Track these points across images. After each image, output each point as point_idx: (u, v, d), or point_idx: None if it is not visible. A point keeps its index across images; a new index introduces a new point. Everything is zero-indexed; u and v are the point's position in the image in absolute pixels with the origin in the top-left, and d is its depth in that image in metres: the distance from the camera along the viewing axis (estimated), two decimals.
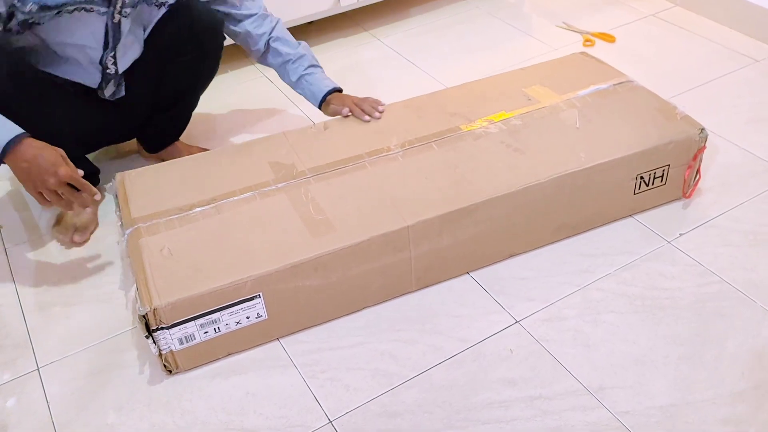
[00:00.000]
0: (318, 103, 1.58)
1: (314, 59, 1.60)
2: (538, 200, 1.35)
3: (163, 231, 1.27)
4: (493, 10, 2.37)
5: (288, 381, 1.21)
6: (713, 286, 1.33)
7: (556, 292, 1.33)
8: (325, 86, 1.57)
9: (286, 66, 1.58)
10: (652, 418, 1.11)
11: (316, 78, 1.58)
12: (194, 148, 1.72)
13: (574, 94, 1.55)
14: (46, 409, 1.19)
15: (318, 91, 1.57)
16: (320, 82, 1.58)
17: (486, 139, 1.43)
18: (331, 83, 1.59)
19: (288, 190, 1.34)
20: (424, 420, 1.13)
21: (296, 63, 1.58)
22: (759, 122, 1.75)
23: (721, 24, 2.18)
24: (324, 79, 1.59)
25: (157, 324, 1.15)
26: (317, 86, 1.57)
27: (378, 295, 1.32)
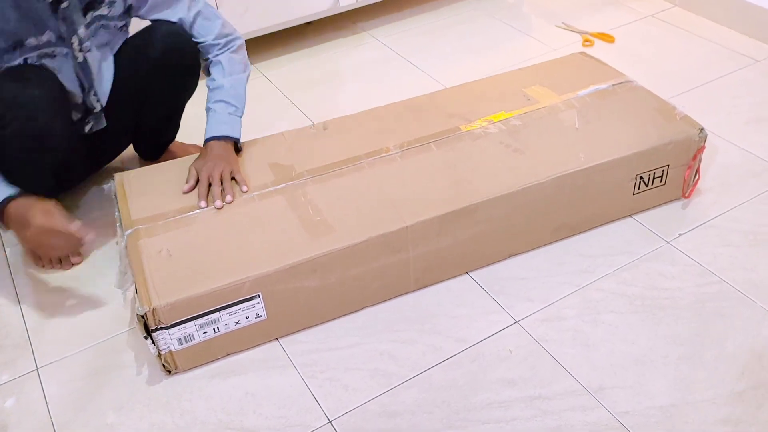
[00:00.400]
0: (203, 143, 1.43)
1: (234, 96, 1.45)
2: (537, 200, 1.35)
3: (162, 232, 1.27)
4: (493, 10, 2.37)
5: (287, 381, 1.21)
6: (713, 286, 1.33)
7: (555, 292, 1.33)
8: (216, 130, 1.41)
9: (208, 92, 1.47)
10: (651, 418, 1.11)
11: (215, 117, 1.43)
12: (190, 147, 1.72)
13: (573, 94, 1.55)
14: (45, 409, 1.19)
15: (206, 133, 1.42)
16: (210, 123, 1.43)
17: (485, 140, 1.43)
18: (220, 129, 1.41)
19: (286, 192, 1.34)
20: (423, 420, 1.13)
21: (212, 92, 1.45)
22: (759, 122, 1.75)
23: (720, 24, 2.18)
24: (220, 123, 1.42)
25: (156, 324, 1.15)
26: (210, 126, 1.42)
27: (377, 296, 1.32)
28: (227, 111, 1.43)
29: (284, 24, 2.11)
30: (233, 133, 1.42)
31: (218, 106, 1.43)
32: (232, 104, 1.44)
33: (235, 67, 1.46)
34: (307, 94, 1.99)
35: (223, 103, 1.43)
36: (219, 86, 1.44)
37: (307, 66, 2.13)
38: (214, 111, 1.43)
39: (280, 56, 2.19)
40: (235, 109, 1.44)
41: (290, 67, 2.13)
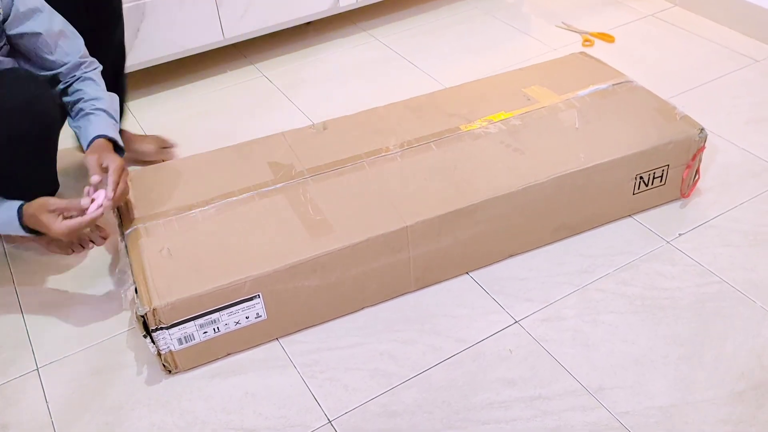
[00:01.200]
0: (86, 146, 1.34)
1: (114, 111, 1.39)
2: (537, 200, 1.35)
3: (163, 231, 1.27)
4: (492, 10, 2.37)
5: (287, 381, 1.21)
6: (713, 286, 1.33)
7: (555, 292, 1.33)
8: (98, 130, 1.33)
9: (76, 104, 1.37)
10: (651, 418, 1.11)
11: (100, 120, 1.35)
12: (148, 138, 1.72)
13: (573, 94, 1.55)
14: (45, 409, 1.19)
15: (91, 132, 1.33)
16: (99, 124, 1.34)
17: (485, 140, 1.43)
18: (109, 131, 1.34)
19: (286, 191, 1.34)
20: (423, 420, 1.13)
21: (88, 102, 1.36)
22: (758, 122, 1.75)
23: (720, 24, 2.18)
24: (107, 126, 1.35)
25: (156, 324, 1.15)
26: (94, 127, 1.33)
27: (377, 296, 1.32)
28: (110, 123, 1.36)
29: (284, 24, 2.11)
30: (118, 138, 1.35)
31: (101, 114, 1.35)
32: (114, 118, 1.38)
33: (103, 84, 1.41)
34: (307, 94, 1.99)
35: (105, 113, 1.36)
36: (96, 97, 1.36)
37: (307, 66, 2.13)
38: (97, 116, 1.35)
39: (280, 56, 2.19)
40: (115, 123, 1.38)
41: (290, 67, 2.13)
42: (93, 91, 1.38)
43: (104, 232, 1.50)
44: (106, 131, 1.33)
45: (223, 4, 1.95)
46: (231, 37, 2.03)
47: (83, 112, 1.36)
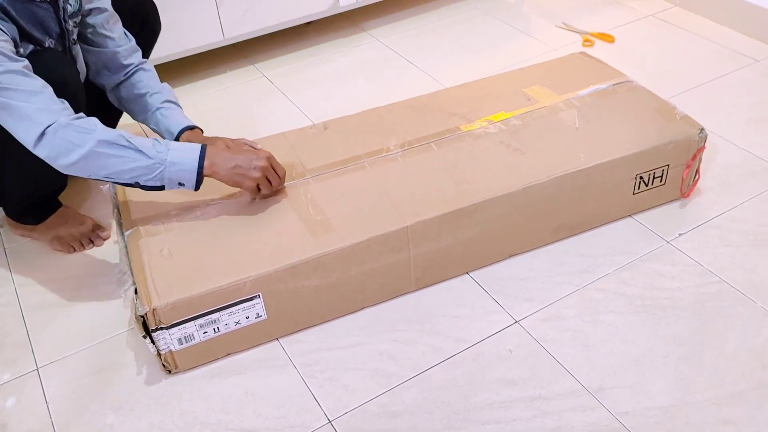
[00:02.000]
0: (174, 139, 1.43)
1: (173, 96, 1.48)
2: (537, 200, 1.35)
3: (163, 232, 1.27)
4: (493, 10, 2.37)
5: (287, 381, 1.21)
6: (713, 286, 1.33)
7: (555, 292, 1.33)
8: (181, 122, 1.43)
9: (142, 99, 1.45)
10: (651, 418, 1.11)
11: (173, 113, 1.44)
12: None
13: (573, 94, 1.55)
14: (45, 409, 1.19)
15: (174, 125, 1.43)
16: (177, 117, 1.44)
17: (485, 140, 1.43)
18: (188, 121, 1.45)
19: (287, 190, 1.34)
20: (423, 420, 1.13)
21: (153, 96, 1.45)
22: (758, 122, 1.75)
23: (720, 24, 2.18)
24: (182, 117, 1.45)
25: (156, 324, 1.15)
26: (173, 121, 1.43)
27: (377, 296, 1.32)
28: (180, 111, 1.46)
29: (284, 24, 2.11)
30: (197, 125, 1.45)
31: (171, 105, 1.45)
32: (180, 107, 1.47)
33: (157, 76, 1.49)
34: (307, 94, 1.99)
35: (173, 103, 1.46)
36: (159, 90, 1.45)
37: (307, 66, 2.13)
38: (170, 109, 1.44)
39: (280, 56, 2.19)
40: (183, 110, 1.47)
41: (290, 67, 2.13)
42: (155, 84, 1.46)
43: (105, 232, 1.51)
44: (186, 122, 1.43)
45: (223, 4, 1.95)
46: (231, 37, 2.03)
47: (152, 108, 1.43)
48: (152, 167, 1.19)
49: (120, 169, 1.18)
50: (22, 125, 1.15)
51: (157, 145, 1.20)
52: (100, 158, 1.16)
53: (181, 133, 1.41)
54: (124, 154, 1.17)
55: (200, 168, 1.22)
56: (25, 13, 1.23)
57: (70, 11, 1.32)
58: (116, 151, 1.17)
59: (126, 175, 1.19)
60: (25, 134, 1.15)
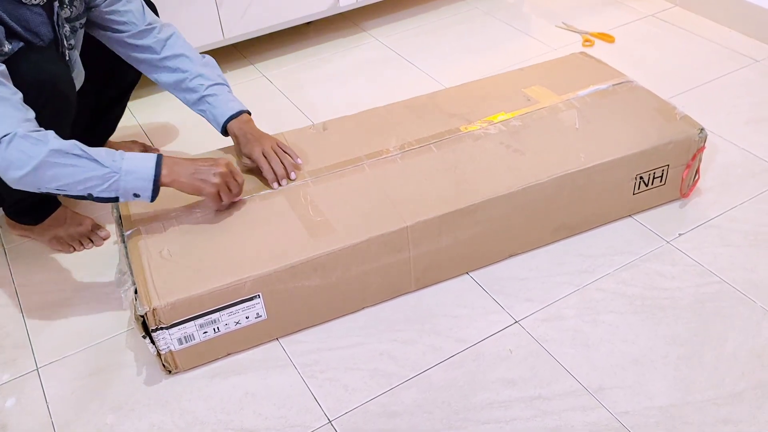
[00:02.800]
0: (221, 129, 1.41)
1: (219, 77, 1.43)
2: (537, 201, 1.35)
3: (163, 232, 1.27)
4: (492, 10, 2.37)
5: (287, 381, 1.21)
6: (713, 286, 1.33)
7: (555, 292, 1.33)
8: (229, 109, 1.39)
9: (181, 85, 1.42)
10: (651, 418, 1.11)
11: (220, 100, 1.40)
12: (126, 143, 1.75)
13: (573, 94, 1.55)
14: (45, 409, 1.19)
15: (220, 114, 1.39)
16: (224, 104, 1.39)
17: (485, 140, 1.43)
18: (238, 105, 1.40)
19: (287, 192, 1.34)
20: (423, 420, 1.13)
21: (194, 81, 1.40)
22: (758, 122, 1.75)
23: (720, 24, 2.18)
24: (229, 101, 1.40)
25: (156, 324, 1.15)
26: (220, 109, 1.39)
27: (377, 296, 1.32)
28: (226, 91, 1.41)
29: (284, 24, 2.11)
30: (244, 107, 1.41)
31: (216, 89, 1.40)
32: (225, 84, 1.42)
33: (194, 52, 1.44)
34: (307, 94, 1.99)
35: (218, 85, 1.41)
36: (199, 74, 1.41)
37: (307, 66, 2.13)
38: (215, 95, 1.40)
39: (280, 56, 2.19)
40: (229, 89, 1.43)
41: (290, 67, 2.13)
42: (192, 66, 1.41)
43: (104, 232, 1.51)
44: (231, 109, 1.39)
45: (223, 4, 1.95)
46: (231, 37, 2.03)
47: (196, 95, 1.40)
48: (106, 177, 1.16)
49: (73, 179, 1.15)
50: None
51: (112, 154, 1.17)
52: (52, 168, 1.13)
53: (227, 123, 1.39)
54: (78, 163, 1.14)
55: (156, 177, 1.19)
56: (14, 15, 1.21)
57: (67, 15, 1.30)
58: (69, 161, 1.13)
59: (79, 186, 1.15)
60: None
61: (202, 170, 1.23)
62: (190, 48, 1.44)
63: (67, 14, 1.30)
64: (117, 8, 1.39)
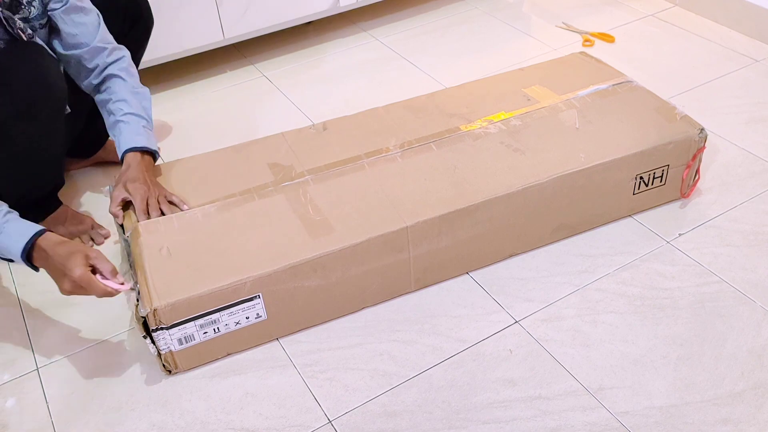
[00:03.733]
0: (120, 158, 1.36)
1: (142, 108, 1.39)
2: (537, 200, 1.35)
3: (163, 231, 1.27)
4: (492, 10, 2.37)
5: (287, 381, 1.21)
6: (713, 286, 1.33)
7: (555, 293, 1.33)
8: (132, 141, 1.35)
9: (105, 106, 1.39)
10: (651, 418, 1.11)
11: (130, 129, 1.36)
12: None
13: (573, 94, 1.55)
14: (45, 409, 1.19)
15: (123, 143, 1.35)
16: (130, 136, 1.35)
17: (485, 140, 1.43)
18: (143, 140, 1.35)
19: (286, 191, 1.34)
20: (423, 420, 1.13)
21: (117, 104, 1.37)
22: (758, 122, 1.75)
23: (720, 24, 2.18)
24: (137, 134, 1.36)
25: (156, 324, 1.15)
26: (124, 138, 1.35)
27: (377, 296, 1.32)
28: (140, 124, 1.37)
29: (284, 24, 2.11)
30: (151, 146, 1.37)
31: (130, 119, 1.37)
32: (143, 117, 1.38)
33: (134, 80, 1.42)
34: (307, 94, 1.99)
35: (134, 116, 1.37)
36: (123, 99, 1.38)
37: (307, 66, 2.13)
38: (126, 123, 1.36)
39: (280, 56, 2.19)
40: (146, 123, 1.39)
41: (290, 67, 2.13)
42: (121, 90, 1.38)
43: (105, 231, 1.51)
44: (134, 142, 1.34)
45: (223, 4, 1.95)
46: (231, 37, 2.03)
47: (113, 118, 1.37)
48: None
49: None
50: None
51: None
52: None
53: (125, 154, 1.34)
54: None
55: (28, 257, 1.15)
56: None
57: (24, 16, 1.28)
58: None
59: None
60: None
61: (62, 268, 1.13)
62: (132, 75, 1.42)
63: (25, 14, 1.29)
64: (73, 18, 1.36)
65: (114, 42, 1.42)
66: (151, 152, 1.38)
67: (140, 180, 1.32)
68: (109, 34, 1.41)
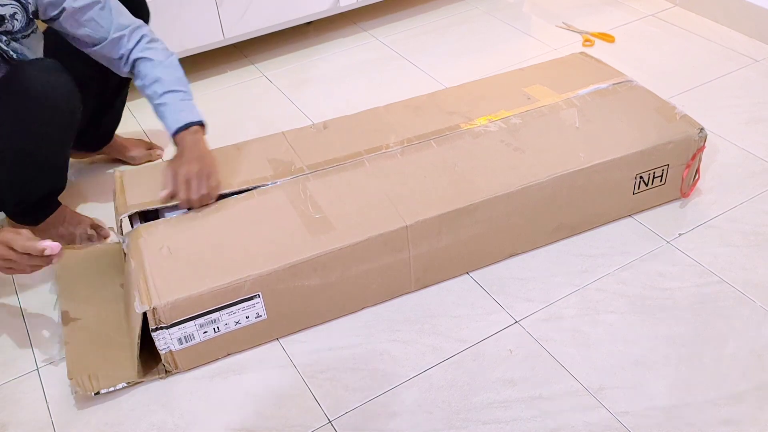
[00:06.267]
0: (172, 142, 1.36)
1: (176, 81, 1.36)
2: (537, 200, 1.35)
3: (163, 230, 1.27)
4: (493, 10, 2.37)
5: (287, 381, 1.21)
6: (713, 286, 1.33)
7: (555, 292, 1.33)
8: (176, 121, 1.33)
9: (144, 92, 1.37)
10: (651, 418, 1.11)
11: (170, 110, 1.34)
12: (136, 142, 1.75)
13: (573, 93, 1.55)
14: (45, 409, 1.19)
15: (168, 126, 1.34)
16: (172, 115, 1.34)
17: (485, 138, 1.43)
18: (186, 115, 1.34)
19: (286, 187, 1.34)
20: (423, 420, 1.13)
21: (151, 88, 1.35)
22: (758, 122, 1.75)
23: (720, 24, 2.18)
24: (179, 111, 1.34)
25: (156, 324, 1.15)
26: (168, 121, 1.34)
27: (377, 296, 1.32)
28: (178, 98, 1.35)
29: (284, 24, 2.11)
30: (195, 117, 1.35)
31: (167, 98, 1.34)
32: (179, 90, 1.36)
33: (159, 54, 1.38)
34: (307, 94, 1.99)
35: (170, 93, 1.35)
36: (156, 79, 1.35)
37: (307, 66, 2.13)
38: (166, 104, 1.34)
39: (280, 56, 2.19)
40: (184, 94, 1.36)
41: (290, 67, 2.13)
42: (150, 71, 1.36)
43: (104, 231, 1.51)
44: (177, 122, 1.33)
45: (223, 4, 1.95)
46: (231, 37, 2.03)
47: (153, 103, 1.36)
48: None
49: None
50: None
51: None
52: None
53: (176, 135, 1.34)
54: None
55: None
56: None
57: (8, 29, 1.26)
58: None
59: None
60: None
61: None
62: (154, 49, 1.39)
63: (8, 28, 1.26)
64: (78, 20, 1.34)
65: (129, 22, 1.38)
66: (197, 123, 1.35)
67: (185, 161, 1.30)
68: (122, 15, 1.38)
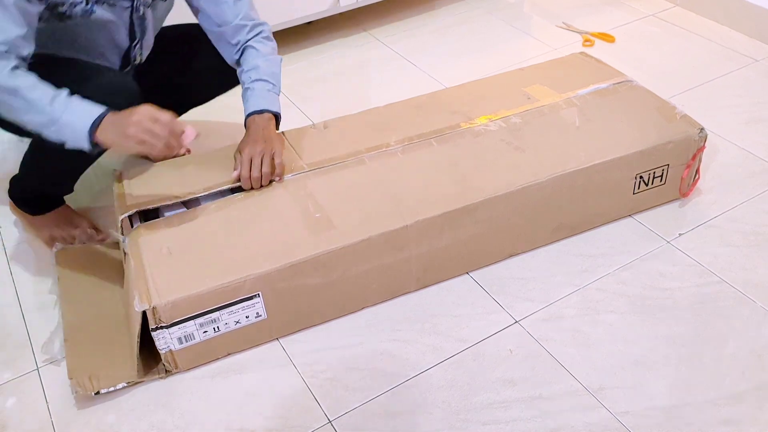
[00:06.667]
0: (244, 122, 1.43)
1: (272, 74, 1.43)
2: (537, 200, 1.35)
3: (163, 229, 1.27)
4: (493, 10, 2.37)
5: (287, 381, 1.21)
6: (713, 286, 1.33)
7: (555, 292, 1.33)
8: (254, 105, 1.40)
9: (240, 77, 1.45)
10: (651, 418, 1.11)
11: (255, 94, 1.40)
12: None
13: (573, 93, 1.55)
14: (45, 408, 1.19)
15: (247, 108, 1.41)
16: (255, 99, 1.40)
17: (486, 137, 1.43)
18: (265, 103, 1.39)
19: (286, 185, 1.34)
20: (423, 420, 1.13)
21: (247, 73, 1.42)
22: (758, 122, 1.75)
23: (720, 24, 2.18)
24: (261, 98, 1.40)
25: (156, 323, 1.15)
26: (249, 103, 1.41)
27: (378, 295, 1.32)
28: (265, 88, 1.41)
29: (285, 24, 2.11)
30: (273, 107, 1.40)
31: (256, 84, 1.41)
32: (270, 82, 1.42)
33: (268, 48, 1.45)
34: (307, 94, 1.99)
35: (261, 81, 1.41)
36: (254, 66, 1.42)
37: (307, 66, 2.13)
38: (252, 89, 1.41)
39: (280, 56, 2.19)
40: (272, 86, 1.42)
41: (291, 67, 2.12)
42: (253, 59, 1.42)
43: (100, 234, 1.50)
44: (255, 107, 1.39)
45: None
46: None
47: (244, 86, 1.42)
48: (47, 124, 1.14)
49: (21, 117, 1.14)
50: None
51: (58, 100, 1.14)
52: (2, 105, 1.14)
53: (248, 118, 1.40)
54: (18, 105, 1.13)
55: (91, 135, 1.14)
56: None
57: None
58: (10, 100, 1.12)
59: (29, 126, 1.15)
60: None
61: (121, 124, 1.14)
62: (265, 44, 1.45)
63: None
64: None
65: (256, 16, 1.44)
66: (272, 113, 1.40)
67: (251, 141, 1.35)
68: (252, 9, 1.43)
